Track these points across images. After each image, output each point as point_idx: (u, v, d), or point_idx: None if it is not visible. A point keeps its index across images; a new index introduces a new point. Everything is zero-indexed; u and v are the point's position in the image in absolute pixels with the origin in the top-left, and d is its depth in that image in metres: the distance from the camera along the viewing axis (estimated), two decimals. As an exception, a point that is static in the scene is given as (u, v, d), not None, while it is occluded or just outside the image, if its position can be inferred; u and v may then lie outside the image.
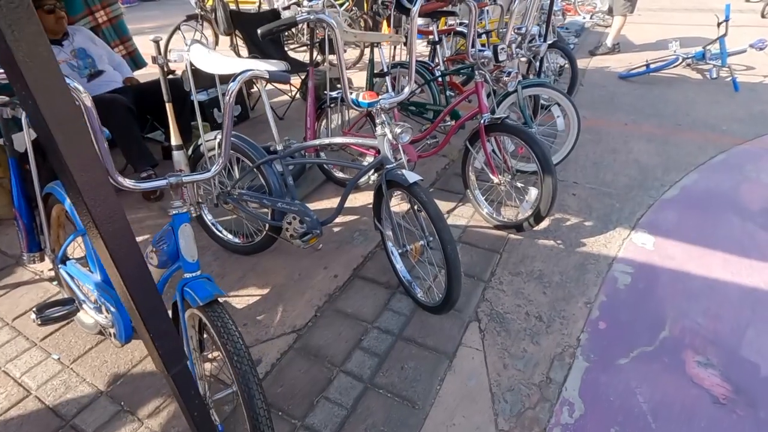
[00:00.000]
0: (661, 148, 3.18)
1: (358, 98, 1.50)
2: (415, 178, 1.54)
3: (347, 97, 1.52)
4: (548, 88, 2.65)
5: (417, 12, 1.45)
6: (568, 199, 2.58)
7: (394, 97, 1.59)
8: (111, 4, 3.50)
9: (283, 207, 1.89)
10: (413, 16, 1.46)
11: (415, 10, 1.45)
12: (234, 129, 3.97)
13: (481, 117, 2.14)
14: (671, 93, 4.28)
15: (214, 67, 1.78)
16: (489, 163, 2.19)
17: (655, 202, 2.52)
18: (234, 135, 1.98)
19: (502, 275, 2.01)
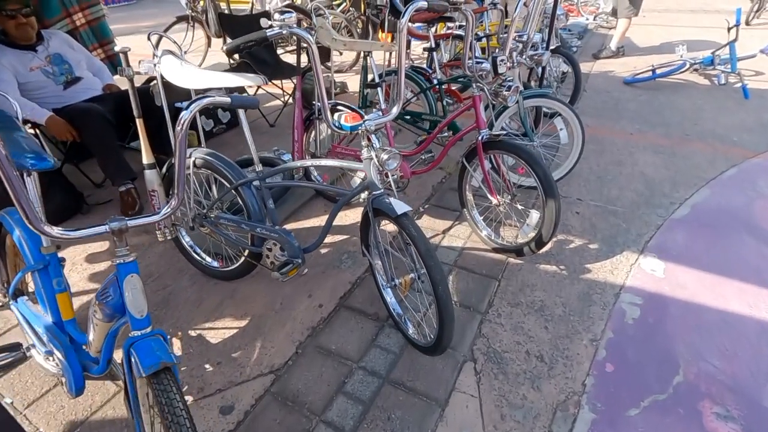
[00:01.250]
0: (668, 160, 3.03)
1: (339, 120, 1.35)
2: (403, 208, 1.38)
3: (327, 120, 1.37)
4: (551, 99, 2.49)
5: (405, 25, 1.30)
6: (571, 218, 2.43)
7: (381, 117, 1.43)
8: (91, 5, 3.34)
9: (262, 233, 1.74)
10: (401, 29, 1.31)
11: (404, 23, 1.30)
12: (224, 135, 3.85)
13: (478, 133, 1.98)
14: (678, 100, 4.12)
15: (186, 81, 1.62)
16: (487, 183, 2.04)
17: (664, 222, 2.37)
18: (209, 153, 1.82)
19: (500, 306, 1.86)
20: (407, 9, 1.30)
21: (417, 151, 2.32)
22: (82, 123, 2.48)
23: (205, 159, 1.80)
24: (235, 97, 1.04)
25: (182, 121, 0.96)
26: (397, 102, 1.44)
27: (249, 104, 1.09)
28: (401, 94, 1.43)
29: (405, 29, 1.31)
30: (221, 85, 1.59)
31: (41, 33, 2.71)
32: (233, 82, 1.58)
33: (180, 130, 0.96)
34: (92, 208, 2.66)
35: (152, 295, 1.98)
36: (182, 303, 1.93)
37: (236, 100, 1.02)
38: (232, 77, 1.58)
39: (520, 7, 2.01)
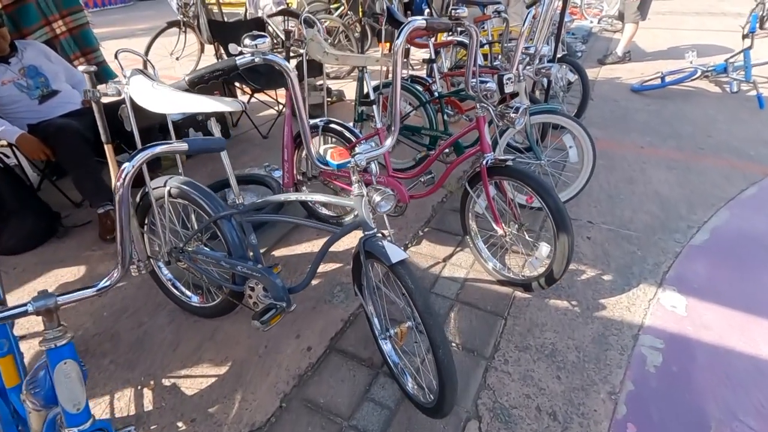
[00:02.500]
0: (683, 177, 2.85)
1: (325, 156, 1.18)
2: (398, 256, 1.21)
3: (311, 156, 1.20)
4: (559, 115, 2.32)
5: (402, 46, 1.13)
6: (582, 244, 2.25)
7: (373, 150, 1.26)
8: (73, 12, 3.17)
9: (243, 271, 1.57)
10: (396, 50, 1.14)
11: (399, 44, 1.13)
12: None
13: (482, 157, 1.81)
14: (689, 109, 3.95)
15: (156, 104, 1.45)
16: (491, 211, 1.86)
17: (682, 249, 2.19)
18: (186, 182, 1.65)
19: (507, 350, 1.68)
20: (403, 28, 1.14)
21: (416, 173, 2.15)
22: (56, 141, 2.31)
23: (180, 188, 1.63)
24: (194, 142, 0.86)
25: (123, 175, 0.79)
26: (392, 133, 1.27)
27: (213, 148, 0.91)
28: (397, 124, 1.25)
29: (401, 50, 1.14)
30: (195, 109, 1.42)
31: (15, 44, 2.54)
32: (209, 107, 1.41)
33: (121, 185, 0.78)
34: (68, 231, 2.49)
35: (126, 333, 1.81)
36: (158, 345, 1.75)
37: (195, 145, 0.85)
38: (207, 101, 1.41)
39: (529, 21, 1.84)
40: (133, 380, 1.61)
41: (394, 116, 1.25)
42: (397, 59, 1.14)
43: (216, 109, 1.41)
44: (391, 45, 2.93)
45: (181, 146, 0.84)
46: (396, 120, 1.25)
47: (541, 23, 2.22)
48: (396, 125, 1.26)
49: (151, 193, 1.66)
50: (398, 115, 1.25)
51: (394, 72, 1.16)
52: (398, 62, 1.15)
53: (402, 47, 1.14)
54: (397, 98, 1.23)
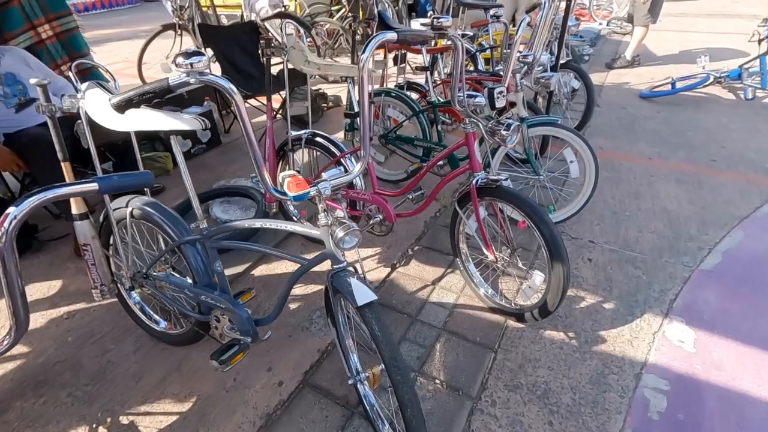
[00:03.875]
0: (693, 192, 2.68)
1: (283, 187, 1.05)
2: (366, 298, 1.07)
3: (267, 186, 1.07)
4: (559, 127, 2.17)
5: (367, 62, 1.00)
6: (583, 266, 2.10)
7: (341, 176, 1.13)
8: (61, 16, 3.08)
9: (207, 301, 1.44)
10: (363, 66, 1.00)
11: (365, 59, 0.99)
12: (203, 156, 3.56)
13: (473, 176, 1.67)
14: (701, 117, 3.76)
15: (112, 121, 1.33)
16: (482, 234, 1.72)
17: (691, 273, 2.03)
18: (149, 203, 1.53)
19: (495, 389, 1.54)
20: (369, 43, 1.00)
21: (403, 190, 2.01)
22: (29, 152, 2.22)
23: (143, 210, 1.51)
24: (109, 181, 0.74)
25: (7, 223, 0.66)
26: (362, 158, 1.13)
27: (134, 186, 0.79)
28: (367, 148, 1.12)
29: (366, 66, 1.01)
30: (152, 127, 1.30)
31: (-9, 50, 2.45)
32: (166, 125, 1.29)
33: (4, 234, 0.65)
34: (44, 245, 2.39)
35: (88, 362, 1.69)
36: (120, 376, 1.64)
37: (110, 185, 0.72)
38: (164, 119, 1.29)
39: (523, 28, 1.70)
40: (90, 417, 1.49)
41: (363, 140, 1.11)
42: (363, 75, 1.01)
43: (174, 127, 1.29)
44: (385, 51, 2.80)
45: (90, 187, 0.72)
46: (366, 144, 1.11)
47: (541, 29, 2.07)
48: (366, 149, 1.12)
49: (111, 215, 1.55)
50: (368, 139, 1.11)
51: (362, 90, 1.02)
52: (365, 79, 1.01)
53: (367, 62, 1.00)
54: (366, 119, 1.09)
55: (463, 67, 1.45)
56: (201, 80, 0.87)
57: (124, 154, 2.66)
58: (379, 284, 2.04)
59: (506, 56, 2.85)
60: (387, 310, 1.89)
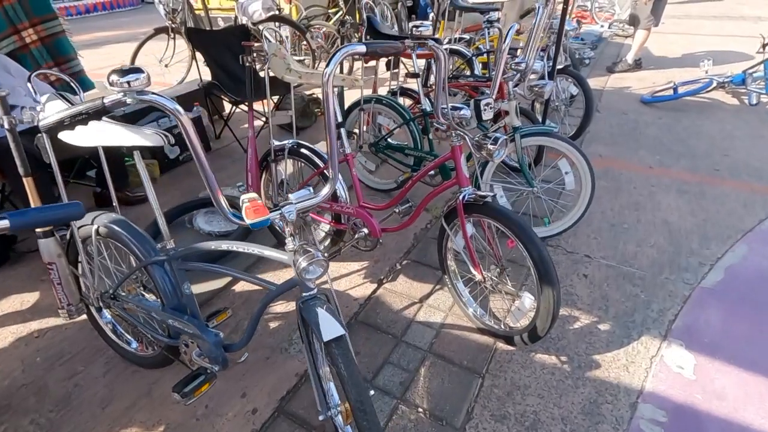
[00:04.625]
0: (695, 203, 2.58)
1: (242, 212, 0.97)
2: (333, 332, 0.99)
3: (223, 211, 0.98)
4: (554, 137, 2.08)
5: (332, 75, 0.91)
6: (578, 283, 2.01)
7: (308, 199, 1.04)
8: (46, 20, 3.01)
9: (174, 325, 1.36)
10: (327, 80, 0.92)
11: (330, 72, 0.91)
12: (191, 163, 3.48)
13: (459, 191, 1.58)
14: (704, 124, 3.65)
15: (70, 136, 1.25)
16: (469, 252, 1.63)
17: (692, 292, 1.93)
18: (116, 220, 1.45)
19: (481, 419, 1.45)
20: (334, 56, 0.92)
21: (390, 203, 1.92)
22: (3, 162, 2.14)
23: (109, 228, 1.43)
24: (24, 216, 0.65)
25: None
26: (331, 180, 1.04)
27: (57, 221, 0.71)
28: (335, 170, 1.03)
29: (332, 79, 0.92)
30: (112, 143, 1.22)
31: (-30, 56, 2.38)
32: (127, 140, 1.21)
33: None
34: (22, 256, 2.32)
35: (55, 386, 1.61)
36: (87, 401, 1.55)
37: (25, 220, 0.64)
38: (125, 134, 1.21)
39: (511, 37, 1.61)
40: (51, 447, 1.41)
41: (332, 160, 1.03)
42: (328, 91, 0.92)
43: (132, 143, 1.21)
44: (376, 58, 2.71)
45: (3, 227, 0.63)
46: (334, 165, 1.03)
47: (534, 35, 1.98)
48: (335, 172, 1.03)
49: (75, 233, 1.47)
50: (336, 159, 1.03)
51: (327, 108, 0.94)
52: (329, 94, 0.93)
53: (332, 75, 0.92)
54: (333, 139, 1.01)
55: (446, 78, 1.36)
56: (140, 100, 0.79)
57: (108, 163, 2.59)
58: (364, 301, 1.96)
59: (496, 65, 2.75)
60: (371, 330, 1.81)
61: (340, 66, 3.15)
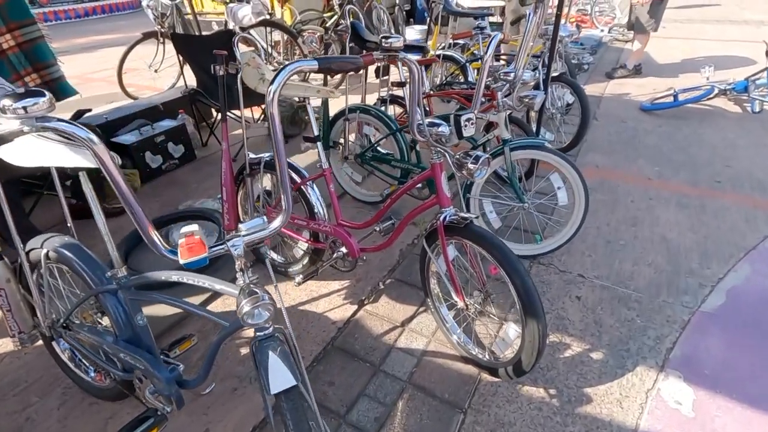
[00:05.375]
0: (696, 218, 2.46)
1: (176, 248, 0.86)
2: (282, 383, 0.88)
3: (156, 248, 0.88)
4: (545, 151, 1.97)
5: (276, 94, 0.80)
6: (570, 306, 1.89)
7: (261, 230, 0.93)
8: (23, 25, 2.92)
9: (126, 359, 1.25)
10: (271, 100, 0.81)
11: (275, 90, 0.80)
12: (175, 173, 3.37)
13: (440, 212, 1.47)
14: (705, 132, 3.54)
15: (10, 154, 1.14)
16: (450, 277, 1.52)
17: (691, 316, 1.82)
18: (68, 245, 1.34)
19: (461, 462, 1.33)
20: (278, 74, 0.81)
21: (371, 221, 1.81)
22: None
23: (59, 252, 1.33)
24: None
25: None
26: (284, 211, 0.93)
27: None
28: (289, 199, 0.92)
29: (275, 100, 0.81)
30: (44, 163, 1.11)
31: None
32: (61, 161, 1.10)
33: None
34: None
35: (5, 419, 1.51)
36: (38, 437, 1.45)
37: None
38: (59, 154, 1.10)
39: (492, 48, 1.50)
40: (-7, 491, 1.30)
41: (284, 189, 0.92)
42: (273, 111, 0.81)
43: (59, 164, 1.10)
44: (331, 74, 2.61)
45: None
46: (287, 193, 0.92)
47: (525, 43, 1.87)
48: (288, 201, 0.92)
49: (22, 257, 1.37)
50: (288, 188, 0.92)
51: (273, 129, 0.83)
52: (275, 115, 0.82)
53: (277, 94, 0.81)
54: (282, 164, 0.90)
55: (421, 93, 1.25)
56: (43, 128, 0.68)
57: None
58: (343, 325, 1.84)
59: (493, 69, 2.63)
60: (348, 357, 1.69)
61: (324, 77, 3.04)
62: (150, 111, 3.39)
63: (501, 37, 1.70)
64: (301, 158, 3.17)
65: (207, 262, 0.85)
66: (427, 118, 1.35)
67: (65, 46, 8.96)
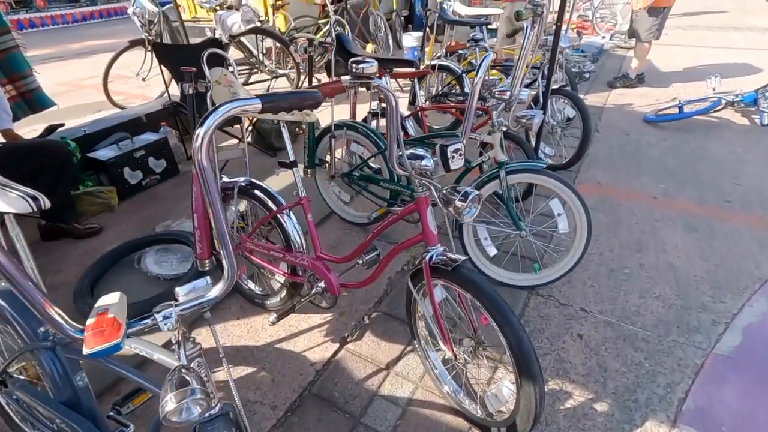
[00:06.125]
0: (705, 243, 2.30)
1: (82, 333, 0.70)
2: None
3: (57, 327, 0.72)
4: (543, 174, 1.81)
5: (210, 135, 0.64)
6: (571, 346, 1.73)
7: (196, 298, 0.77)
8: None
9: (62, 428, 1.09)
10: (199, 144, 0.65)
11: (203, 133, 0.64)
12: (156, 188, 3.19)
13: (426, 251, 1.31)
14: (712, 146, 3.38)
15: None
16: (438, 323, 1.36)
17: (704, 360, 1.65)
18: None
19: None
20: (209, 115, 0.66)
21: (353, 254, 1.63)
22: None
23: (-10, 300, 1.17)
24: None
25: None
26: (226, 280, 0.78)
27: None
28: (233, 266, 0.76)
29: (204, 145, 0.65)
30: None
31: None
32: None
33: None
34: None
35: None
36: (-28, 505, 1.28)
37: None
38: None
39: (483, 71, 1.34)
40: None
41: (226, 252, 0.76)
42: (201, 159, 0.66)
43: None
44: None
45: None
46: (230, 257, 0.76)
47: (522, 59, 1.72)
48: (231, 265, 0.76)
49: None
50: (230, 247, 0.76)
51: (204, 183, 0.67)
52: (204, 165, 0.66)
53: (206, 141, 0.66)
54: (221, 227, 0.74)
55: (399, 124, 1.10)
56: None
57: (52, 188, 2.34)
58: (322, 367, 1.68)
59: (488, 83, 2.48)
60: (326, 407, 1.53)
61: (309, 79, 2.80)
62: (132, 123, 3.25)
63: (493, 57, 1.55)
64: (277, 180, 2.99)
65: (122, 347, 0.69)
66: (409, 149, 1.19)
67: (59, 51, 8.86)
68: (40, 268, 2.35)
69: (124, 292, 0.76)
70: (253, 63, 4.54)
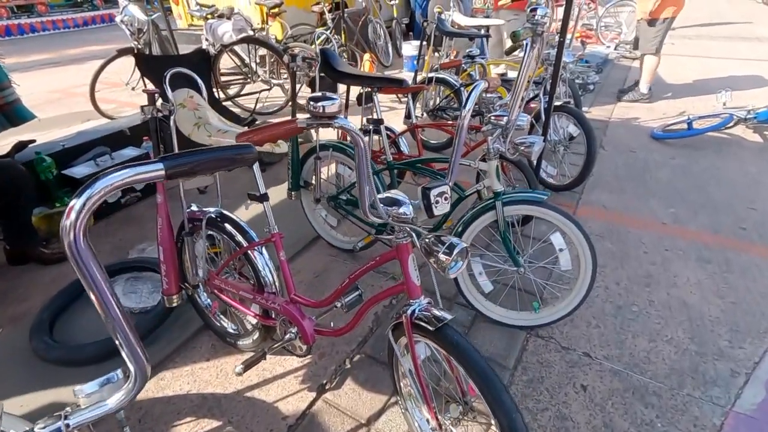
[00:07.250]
0: (720, 278, 2.12)
1: None
2: None
3: None
4: (544, 207, 1.64)
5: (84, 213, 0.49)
6: (574, 400, 1.55)
7: (96, 407, 0.61)
8: (-30, 47, 2.64)
9: None
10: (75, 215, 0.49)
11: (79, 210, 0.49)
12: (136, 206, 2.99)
13: (408, 304, 1.14)
14: (724, 166, 3.20)
15: None
16: (419, 384, 1.18)
17: (724, 419, 1.47)
18: None
19: None
20: (88, 189, 0.50)
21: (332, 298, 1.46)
22: None
23: None
24: None
25: None
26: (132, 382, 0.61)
27: None
28: (142, 367, 0.60)
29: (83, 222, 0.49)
30: None
31: None
32: None
33: None
34: None
35: None
36: None
37: None
38: None
39: (473, 101, 1.18)
40: None
41: (129, 349, 0.60)
42: (76, 241, 0.50)
43: None
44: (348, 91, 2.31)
45: None
46: (136, 356, 0.60)
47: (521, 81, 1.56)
48: (141, 369, 0.60)
49: None
50: (138, 351, 0.60)
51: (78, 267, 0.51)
52: (80, 242, 0.50)
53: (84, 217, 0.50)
54: (117, 320, 0.58)
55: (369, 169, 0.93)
56: None
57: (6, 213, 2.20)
58: (296, 421, 1.51)
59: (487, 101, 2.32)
60: (296, 472, 1.36)
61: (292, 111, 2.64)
62: (115, 136, 3.10)
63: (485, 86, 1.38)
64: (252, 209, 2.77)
65: None
66: (387, 193, 1.03)
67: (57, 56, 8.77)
68: (2, 295, 2.22)
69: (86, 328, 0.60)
70: (246, 73, 4.40)
